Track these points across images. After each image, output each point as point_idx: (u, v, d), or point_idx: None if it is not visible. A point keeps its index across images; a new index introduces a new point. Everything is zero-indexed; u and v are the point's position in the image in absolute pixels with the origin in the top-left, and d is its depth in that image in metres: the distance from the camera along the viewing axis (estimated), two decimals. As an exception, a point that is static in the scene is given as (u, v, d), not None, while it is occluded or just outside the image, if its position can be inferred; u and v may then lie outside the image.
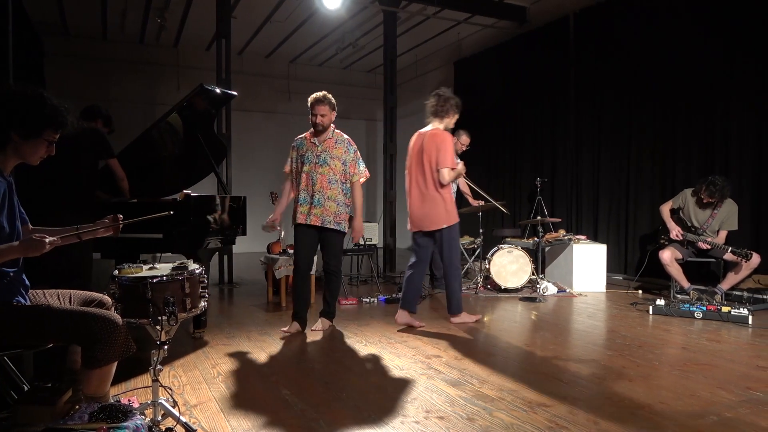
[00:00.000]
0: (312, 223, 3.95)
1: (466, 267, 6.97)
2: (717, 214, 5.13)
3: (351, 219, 4.17)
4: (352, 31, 9.51)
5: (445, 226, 4.27)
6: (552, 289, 5.95)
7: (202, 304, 2.29)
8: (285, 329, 4.06)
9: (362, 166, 4.13)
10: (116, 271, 2.19)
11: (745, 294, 5.05)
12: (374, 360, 3.38)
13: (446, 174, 4.23)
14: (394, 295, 5.54)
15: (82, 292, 2.33)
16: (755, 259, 4.81)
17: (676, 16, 6.02)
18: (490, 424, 2.38)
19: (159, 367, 2.15)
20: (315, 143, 4.01)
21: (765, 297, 4.96)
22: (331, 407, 2.58)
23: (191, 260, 2.39)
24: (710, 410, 2.53)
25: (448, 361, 3.34)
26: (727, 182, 5.01)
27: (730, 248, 4.90)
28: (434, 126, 4.47)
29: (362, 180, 4.09)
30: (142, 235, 3.74)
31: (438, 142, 4.27)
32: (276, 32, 9.58)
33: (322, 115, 3.96)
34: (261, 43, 10.20)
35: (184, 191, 3.75)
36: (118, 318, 2.04)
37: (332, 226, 3.97)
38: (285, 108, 11.36)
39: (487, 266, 5.98)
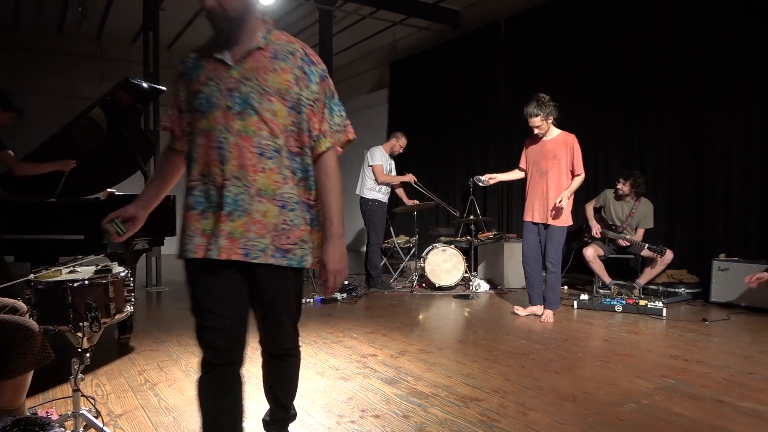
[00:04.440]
0: (224, 258, 1.62)
1: (402, 266, 7.05)
2: (635, 213, 5.47)
3: (318, 239, 1.81)
4: (287, 28, 9.39)
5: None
6: (484, 287, 6.13)
7: (128, 308, 2.19)
8: None
9: (338, 116, 1.77)
10: (32, 275, 2.06)
11: (660, 288, 5.42)
12: (310, 361, 3.35)
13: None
14: (330, 295, 5.51)
15: (-9, 298, 2.17)
16: (669, 254, 5.16)
17: (598, 23, 6.37)
18: (424, 420, 2.42)
19: (80, 375, 2.03)
20: (225, 61, 1.65)
21: (677, 290, 5.35)
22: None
23: (116, 262, 2.28)
24: (629, 398, 2.69)
25: (383, 360, 3.37)
26: (644, 179, 5.46)
27: (647, 245, 5.24)
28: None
29: (340, 147, 1.79)
30: (62, 237, 3.53)
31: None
32: (208, 26, 9.21)
33: None
34: (192, 37, 9.86)
35: (108, 190, 3.57)
36: (34, 324, 1.92)
37: (271, 260, 1.66)
38: (217, 105, 11.04)
39: (422, 265, 6.08)
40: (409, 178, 6.43)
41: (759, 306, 4.78)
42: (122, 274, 2.17)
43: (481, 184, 4.81)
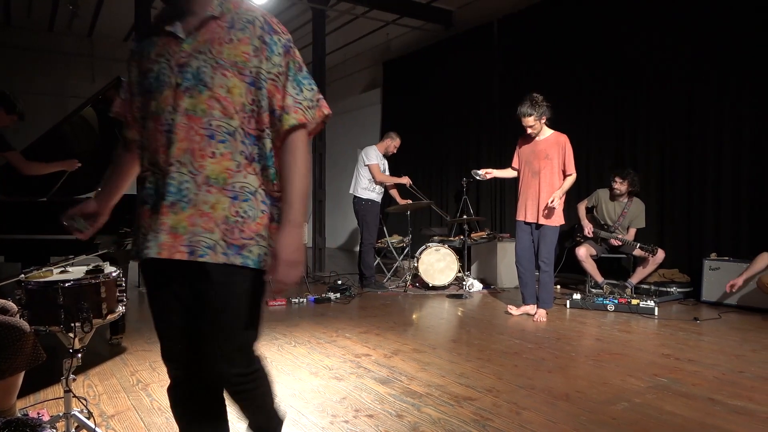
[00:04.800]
0: (165, 256, 1.39)
1: (395, 266, 7.06)
2: (627, 212, 5.50)
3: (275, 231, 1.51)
4: (280, 28, 9.35)
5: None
6: (477, 286, 6.14)
7: (120, 308, 2.18)
8: None
9: (308, 89, 1.49)
10: (23, 276, 2.04)
11: (652, 287, 5.45)
12: (303, 361, 3.35)
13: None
14: (323, 295, 5.51)
15: (-19, 298, 2.15)
16: (660, 254, 5.19)
17: (591, 24, 6.40)
18: (418, 420, 2.42)
19: (72, 376, 2.02)
20: (176, 33, 1.43)
21: (669, 290, 5.38)
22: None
23: (107, 262, 2.27)
24: (621, 397, 2.70)
25: (377, 360, 3.37)
26: (639, 177, 5.50)
27: (639, 244, 5.27)
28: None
29: (311, 127, 1.51)
30: (53, 237, 3.50)
31: None
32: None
33: None
34: (184, 36, 9.82)
35: (100, 189, 3.55)
36: (24, 325, 1.90)
37: (222, 258, 1.40)
38: (210, 104, 11.01)
39: (416, 264, 6.08)
40: (405, 180, 6.44)
41: (750, 305, 4.82)
42: (114, 274, 2.15)
43: (478, 178, 4.82)
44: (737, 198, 5.23)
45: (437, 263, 6.07)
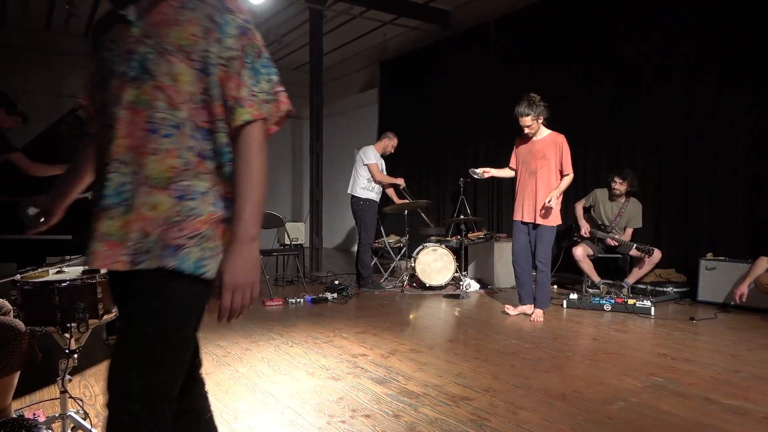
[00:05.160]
0: (97, 266, 1.23)
1: (393, 266, 7.06)
2: (624, 213, 5.51)
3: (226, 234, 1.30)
4: (277, 28, 9.35)
5: None
6: (474, 286, 6.15)
7: (116, 309, 2.17)
8: None
9: (266, 80, 1.30)
10: (18, 276, 2.04)
11: (649, 287, 5.47)
12: (300, 361, 3.35)
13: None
14: (320, 295, 5.51)
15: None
16: (657, 254, 5.20)
17: (588, 24, 6.42)
18: (415, 420, 2.42)
19: (68, 377, 2.01)
20: (127, 17, 1.26)
21: (665, 289, 5.39)
22: (256, 411, 2.53)
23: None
24: (618, 396, 2.71)
25: (374, 360, 3.37)
26: (636, 177, 5.52)
27: (635, 245, 5.28)
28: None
29: (273, 122, 1.34)
30: (48, 237, 3.49)
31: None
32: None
33: None
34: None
35: (97, 189, 3.53)
36: (20, 324, 1.90)
37: (155, 262, 1.19)
38: (207, 104, 11.00)
39: (413, 264, 6.09)
40: (400, 181, 6.46)
41: (746, 305, 4.83)
42: (110, 275, 2.15)
43: (475, 177, 4.82)
44: (734, 198, 5.25)
45: (434, 263, 6.07)
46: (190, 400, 1.40)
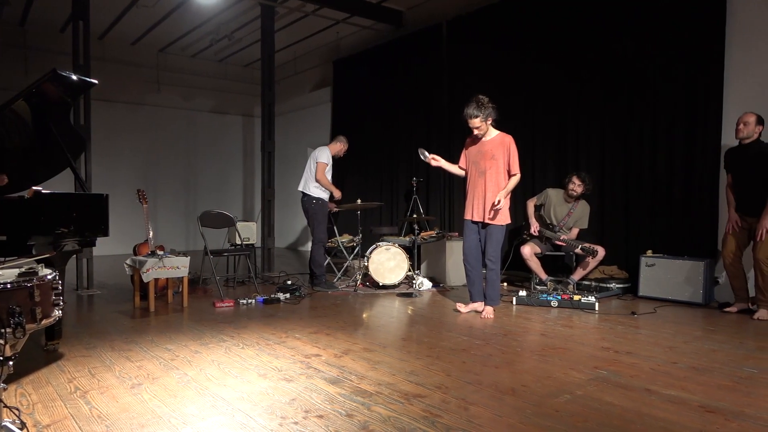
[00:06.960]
0: None
1: (346, 265, 7.04)
2: (573, 213, 5.70)
3: None
4: (227, 23, 9.16)
5: None
6: (427, 285, 6.22)
7: (56, 312, 2.08)
8: None
9: None
10: (-53, 280, 1.92)
11: (593, 283, 5.68)
12: (252, 363, 3.29)
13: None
14: (272, 296, 5.43)
15: None
16: (601, 253, 5.41)
17: (536, 27, 6.59)
18: (368, 419, 2.43)
19: (3, 385, 1.91)
20: None
21: (609, 285, 5.61)
22: (206, 415, 2.47)
23: (42, 265, 2.16)
24: (564, 389, 2.80)
25: (327, 360, 3.35)
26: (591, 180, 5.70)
27: (581, 245, 5.47)
28: None
29: None
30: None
31: None
32: (143, 17, 8.94)
33: None
34: (126, 28, 9.46)
35: (34, 188, 3.36)
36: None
37: None
38: (154, 100, 10.66)
39: (366, 264, 6.09)
40: (338, 194, 6.24)
41: (682, 299, 5.09)
42: (49, 277, 2.05)
43: (423, 158, 4.80)
44: (671, 198, 5.51)
45: (387, 262, 6.10)
46: None
